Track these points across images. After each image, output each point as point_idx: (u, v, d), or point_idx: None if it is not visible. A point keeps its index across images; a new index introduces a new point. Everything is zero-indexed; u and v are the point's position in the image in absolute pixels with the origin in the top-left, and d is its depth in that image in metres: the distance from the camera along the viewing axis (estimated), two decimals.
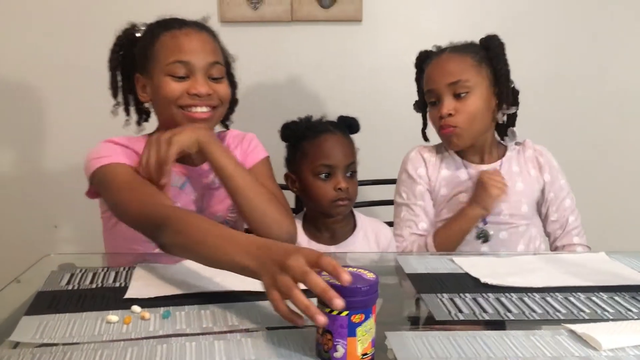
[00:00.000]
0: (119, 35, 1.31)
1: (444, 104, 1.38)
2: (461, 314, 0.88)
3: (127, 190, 1.14)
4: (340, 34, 2.08)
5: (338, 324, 0.70)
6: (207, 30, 1.27)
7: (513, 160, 1.47)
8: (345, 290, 0.69)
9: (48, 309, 0.88)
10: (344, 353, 0.71)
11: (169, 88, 1.20)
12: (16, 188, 2.09)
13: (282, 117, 1.51)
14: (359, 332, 0.71)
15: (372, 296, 0.72)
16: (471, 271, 1.08)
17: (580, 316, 0.88)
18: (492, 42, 1.42)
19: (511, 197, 1.41)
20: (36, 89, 2.04)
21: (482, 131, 1.42)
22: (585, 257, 1.19)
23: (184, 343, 0.76)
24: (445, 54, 1.41)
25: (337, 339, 0.70)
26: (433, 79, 1.41)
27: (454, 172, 1.46)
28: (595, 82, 2.13)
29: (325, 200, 1.39)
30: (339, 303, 0.68)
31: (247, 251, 0.82)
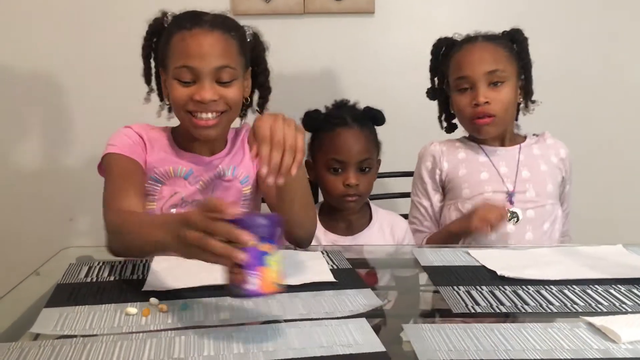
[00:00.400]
0: (150, 23, 1.30)
1: (480, 92, 1.38)
2: (478, 306, 0.88)
3: (111, 186, 1.18)
4: (353, 27, 2.07)
5: (249, 253, 0.72)
6: (220, 29, 1.20)
7: (533, 146, 1.49)
8: (248, 222, 0.73)
9: (68, 301, 0.89)
10: (258, 285, 0.73)
11: (176, 93, 1.20)
12: (32, 181, 2.10)
13: (295, 109, 1.49)
14: (268, 261, 0.73)
15: (274, 229, 0.75)
16: (487, 264, 1.08)
17: (598, 309, 0.87)
18: (518, 35, 1.45)
19: (535, 176, 1.43)
20: (53, 83, 2.05)
21: (510, 122, 1.45)
22: (602, 249, 1.18)
23: (202, 335, 0.77)
24: (479, 42, 1.43)
25: (249, 271, 0.72)
26: (468, 66, 1.41)
27: (472, 155, 1.47)
28: (607, 79, 2.11)
29: (334, 194, 1.40)
30: (246, 237, 0.71)
31: (162, 228, 0.85)
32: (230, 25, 1.24)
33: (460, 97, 1.43)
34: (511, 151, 1.47)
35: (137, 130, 1.28)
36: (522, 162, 1.45)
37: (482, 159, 1.46)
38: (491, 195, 1.41)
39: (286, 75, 2.08)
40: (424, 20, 2.07)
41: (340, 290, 0.93)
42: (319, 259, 1.11)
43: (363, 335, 0.76)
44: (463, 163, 1.46)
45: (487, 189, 1.42)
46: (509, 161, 1.45)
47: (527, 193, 1.42)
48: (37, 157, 2.09)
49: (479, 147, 1.47)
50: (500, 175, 1.43)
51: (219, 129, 1.23)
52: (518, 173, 1.43)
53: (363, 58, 2.09)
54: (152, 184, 1.26)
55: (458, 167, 1.45)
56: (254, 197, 1.34)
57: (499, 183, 1.42)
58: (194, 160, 1.28)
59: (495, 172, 1.43)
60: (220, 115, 1.21)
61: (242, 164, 1.31)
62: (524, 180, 1.42)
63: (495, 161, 1.45)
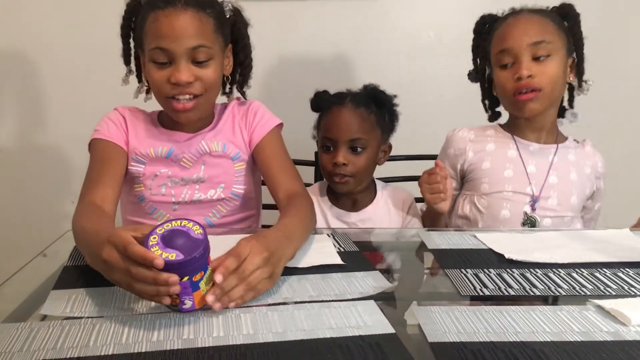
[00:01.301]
0: (128, 2, 1.27)
1: (524, 65, 1.29)
2: (486, 289, 0.88)
3: (89, 175, 1.19)
4: (357, 10, 2.05)
5: (182, 286, 0.75)
6: (194, 7, 1.16)
7: (570, 150, 1.41)
8: (181, 264, 0.74)
9: (75, 283, 0.89)
10: (191, 304, 0.77)
11: (153, 76, 1.19)
12: (35, 163, 2.10)
13: (297, 93, 1.50)
14: (201, 285, 0.77)
15: (205, 255, 0.77)
16: (494, 247, 1.07)
17: (607, 292, 0.87)
18: (570, 10, 1.35)
19: (563, 184, 1.37)
20: (46, 65, 2.04)
21: (556, 101, 1.36)
22: (609, 233, 1.18)
23: (211, 316, 0.77)
24: (524, 14, 1.34)
25: (184, 296, 0.76)
26: (511, 37, 1.32)
27: (501, 148, 1.40)
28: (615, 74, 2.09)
29: (324, 173, 1.41)
30: (159, 262, 0.72)
31: (91, 257, 0.88)
32: (205, 2, 1.19)
33: (503, 72, 1.34)
34: (546, 150, 1.38)
35: (121, 112, 1.29)
36: (554, 164, 1.37)
37: (511, 154, 1.38)
38: (511, 196, 1.35)
39: (289, 59, 2.07)
40: (428, 4, 2.05)
41: (349, 272, 0.93)
42: (326, 241, 1.11)
43: (372, 317, 0.76)
44: (489, 155, 1.39)
45: (507, 187, 1.35)
46: (540, 161, 1.37)
47: (550, 200, 1.35)
48: (38, 138, 2.09)
49: (512, 139, 1.40)
50: (527, 174, 1.36)
51: (197, 111, 1.22)
52: (547, 177, 1.36)
53: (367, 42, 2.08)
54: (135, 165, 1.26)
55: (483, 159, 1.39)
56: (250, 173, 1.33)
57: (523, 183, 1.35)
58: (173, 138, 1.27)
59: (523, 170, 1.36)
60: (197, 98, 1.19)
61: (232, 141, 1.30)
62: (550, 185, 1.35)
63: (525, 158, 1.37)
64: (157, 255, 0.74)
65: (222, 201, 1.29)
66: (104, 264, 0.80)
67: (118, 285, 0.81)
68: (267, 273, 0.83)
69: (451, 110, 1.93)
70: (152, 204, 1.27)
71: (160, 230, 0.78)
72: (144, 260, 0.74)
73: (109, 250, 0.78)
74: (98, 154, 1.23)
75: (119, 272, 0.77)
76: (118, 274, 0.78)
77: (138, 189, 1.27)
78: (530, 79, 1.29)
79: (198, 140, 1.28)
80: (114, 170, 1.21)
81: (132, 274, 0.75)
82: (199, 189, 1.27)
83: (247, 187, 1.31)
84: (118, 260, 0.77)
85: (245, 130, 1.32)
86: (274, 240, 0.88)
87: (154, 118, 1.32)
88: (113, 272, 0.79)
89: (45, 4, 2.00)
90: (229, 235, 1.08)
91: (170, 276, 0.73)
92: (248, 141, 1.31)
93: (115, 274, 0.78)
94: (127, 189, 1.29)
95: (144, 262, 0.74)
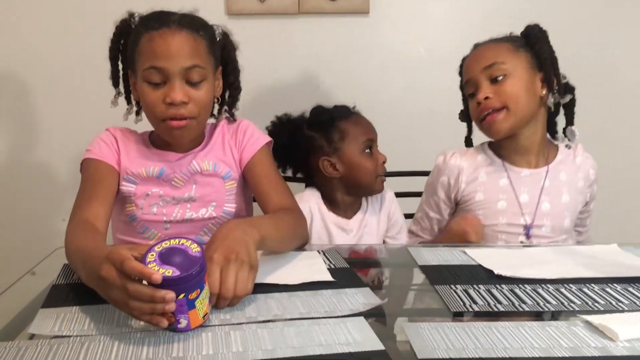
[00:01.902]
0: (117, 25, 1.28)
1: (481, 89, 1.32)
2: (475, 305, 0.88)
3: (80, 194, 1.19)
4: (348, 26, 2.07)
5: (178, 304, 0.75)
6: (188, 28, 1.18)
7: (562, 167, 1.40)
8: (178, 280, 0.75)
9: (64, 301, 0.88)
10: (187, 323, 0.77)
11: (147, 98, 1.19)
12: (25, 181, 2.10)
13: (289, 110, 1.51)
14: (197, 304, 0.77)
15: (202, 273, 0.78)
16: (484, 263, 1.08)
17: (595, 307, 0.87)
18: (532, 30, 1.37)
19: (555, 209, 1.38)
20: (39, 84, 2.05)
21: (527, 116, 1.33)
22: (597, 249, 1.19)
23: (200, 333, 0.77)
24: (482, 44, 1.39)
25: (179, 315, 0.76)
26: (469, 68, 1.37)
27: (493, 177, 1.39)
28: (609, 70, 2.12)
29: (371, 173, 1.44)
30: (156, 277, 0.73)
31: (86, 273, 0.88)
32: (198, 24, 1.22)
33: (470, 102, 1.38)
34: (536, 175, 1.38)
35: (113, 132, 1.30)
36: (545, 189, 1.37)
37: (503, 183, 1.38)
38: (505, 228, 1.36)
39: (281, 75, 2.09)
40: (419, 20, 2.07)
41: (339, 289, 0.93)
42: (316, 257, 1.11)
43: (362, 334, 0.77)
44: (482, 186, 1.38)
45: (501, 220, 1.36)
46: (532, 188, 1.37)
47: (543, 228, 1.36)
48: (29, 156, 2.08)
49: (502, 166, 1.39)
50: (519, 204, 1.36)
51: (189, 132, 1.23)
52: (539, 205, 1.36)
53: (358, 58, 2.10)
54: (127, 185, 1.26)
55: (476, 190, 1.39)
56: (241, 192, 1.33)
57: (516, 215, 1.36)
58: (165, 158, 1.28)
59: (515, 200, 1.36)
60: (190, 120, 1.20)
61: (223, 160, 1.31)
62: (543, 213, 1.36)
63: (517, 186, 1.37)
64: (154, 270, 0.74)
65: (213, 220, 1.29)
66: (101, 281, 0.79)
67: (114, 305, 0.81)
68: (245, 271, 0.87)
69: (441, 126, 1.94)
70: (143, 223, 1.27)
71: (159, 248, 0.79)
72: (141, 275, 0.74)
73: (108, 267, 0.78)
74: (90, 173, 1.23)
75: (116, 289, 0.77)
76: (115, 292, 0.77)
77: (129, 209, 1.27)
78: (489, 100, 1.32)
79: (189, 159, 1.28)
80: (105, 189, 1.21)
81: (129, 291, 0.75)
82: (191, 207, 1.28)
83: (238, 205, 1.32)
84: (115, 278, 0.76)
85: (235, 148, 1.32)
86: (230, 234, 0.91)
87: (145, 138, 1.32)
88: (110, 290, 0.78)
89: (37, 23, 2.02)
90: None
91: (167, 293, 0.74)
92: (238, 160, 1.32)
93: (112, 292, 0.78)
94: (119, 208, 1.29)
95: (141, 277, 0.74)
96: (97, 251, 0.85)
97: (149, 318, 0.76)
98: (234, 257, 0.87)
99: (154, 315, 0.75)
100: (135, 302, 0.75)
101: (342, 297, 0.90)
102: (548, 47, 1.36)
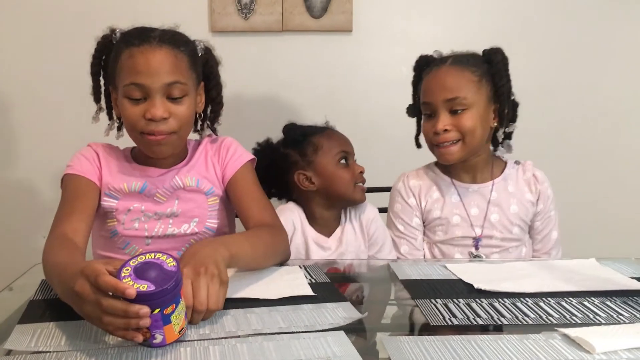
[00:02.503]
0: (99, 40, 1.27)
1: (440, 119, 1.35)
2: (455, 319, 0.89)
3: (60, 209, 1.18)
4: (331, 44, 2.10)
5: (153, 319, 0.75)
6: (169, 44, 1.18)
7: (509, 181, 1.44)
8: (153, 294, 0.74)
9: (41, 317, 0.88)
10: (162, 338, 0.77)
11: (127, 112, 1.19)
12: (5, 197, 2.08)
13: (273, 127, 1.51)
14: (173, 319, 0.77)
15: (177, 287, 0.78)
16: (464, 277, 1.08)
17: (573, 321, 0.88)
18: (495, 56, 1.38)
19: (504, 220, 1.41)
20: (18, 100, 2.04)
21: (477, 148, 1.38)
22: (575, 263, 1.20)
23: (179, 348, 0.76)
24: (444, 67, 1.38)
25: (154, 330, 0.76)
26: (430, 92, 1.38)
27: (444, 194, 1.44)
28: (587, 91, 2.16)
29: (348, 183, 1.43)
30: (130, 292, 0.73)
31: (61, 287, 0.87)
32: (180, 40, 1.22)
33: (425, 122, 1.41)
34: (483, 189, 1.43)
35: (94, 148, 1.29)
36: (492, 201, 1.41)
37: (454, 199, 1.43)
38: (460, 240, 1.41)
39: (264, 93, 2.10)
40: (402, 39, 2.10)
41: (320, 303, 0.94)
42: (297, 272, 1.11)
43: (341, 348, 0.77)
44: (437, 203, 1.44)
45: (457, 233, 1.41)
46: (480, 202, 1.42)
47: (493, 239, 1.41)
48: (6, 171, 2.07)
49: (451, 184, 1.44)
50: (469, 218, 1.41)
51: (170, 147, 1.23)
52: (487, 216, 1.41)
53: (341, 76, 2.12)
54: (108, 200, 1.25)
55: (433, 209, 1.44)
56: (223, 208, 1.33)
57: (468, 228, 1.41)
58: (147, 173, 1.28)
59: (466, 214, 1.41)
60: (170, 135, 1.20)
61: (206, 177, 1.31)
62: (491, 224, 1.40)
63: (466, 202, 1.42)
64: (129, 285, 0.73)
65: (195, 235, 1.29)
66: (75, 296, 0.79)
67: (88, 320, 0.80)
68: (215, 284, 0.87)
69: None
70: (124, 239, 1.26)
71: (134, 263, 0.78)
72: (115, 290, 0.73)
73: (82, 282, 0.77)
74: (70, 189, 1.22)
75: (90, 304, 0.76)
76: (89, 307, 0.77)
77: (111, 224, 1.26)
78: (446, 133, 1.35)
79: (172, 175, 1.28)
80: (85, 205, 1.20)
81: (102, 306, 0.74)
82: (173, 223, 1.27)
83: (220, 221, 1.31)
84: (89, 292, 0.76)
85: (218, 165, 1.33)
86: (200, 250, 0.92)
87: (127, 154, 1.32)
88: (84, 305, 0.78)
89: (16, 40, 2.01)
90: None
91: (142, 308, 0.73)
92: (221, 177, 1.32)
93: (86, 307, 0.77)
94: (100, 223, 1.28)
95: (115, 292, 0.74)
96: (72, 266, 0.84)
97: (123, 333, 0.75)
98: (204, 270, 0.87)
99: (128, 330, 0.75)
100: (108, 317, 0.74)
101: (322, 311, 0.90)
102: (507, 78, 1.38)
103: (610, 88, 2.16)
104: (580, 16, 2.12)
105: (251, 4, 2.02)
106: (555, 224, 1.47)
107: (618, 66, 2.15)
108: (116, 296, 0.74)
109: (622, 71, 2.15)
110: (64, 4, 2.00)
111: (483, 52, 1.41)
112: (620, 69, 2.15)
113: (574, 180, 2.11)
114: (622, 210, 2.21)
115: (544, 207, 1.44)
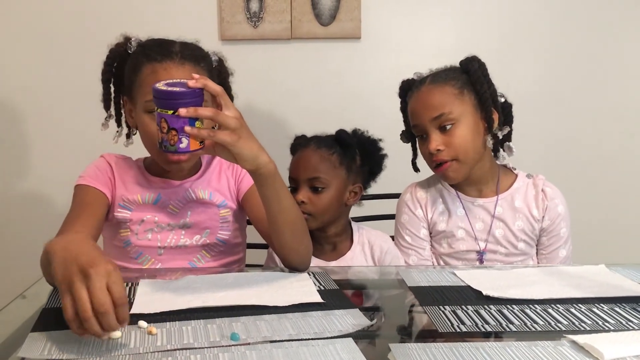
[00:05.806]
0: (112, 48, 1.29)
1: (431, 140, 1.34)
2: (464, 325, 0.89)
3: (68, 217, 1.19)
4: (340, 52, 2.11)
5: (180, 122, 0.91)
6: (190, 61, 1.21)
7: (517, 195, 1.43)
8: (179, 95, 0.92)
9: (55, 325, 0.88)
10: (187, 143, 0.93)
11: (148, 128, 1.20)
12: (17, 207, 2.10)
13: (282, 135, 1.53)
14: (197, 124, 0.93)
15: (199, 98, 0.94)
16: (473, 284, 1.09)
17: (582, 327, 0.88)
18: (471, 65, 1.37)
19: (508, 235, 1.41)
20: (30, 111, 2.07)
21: (476, 160, 1.37)
22: (585, 269, 1.20)
23: (189, 357, 0.77)
24: (424, 87, 1.38)
25: (181, 134, 0.92)
26: (416, 114, 1.39)
27: (450, 207, 1.44)
28: (597, 96, 2.16)
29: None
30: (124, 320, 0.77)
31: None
32: (199, 56, 1.24)
33: (421, 144, 1.41)
34: (489, 204, 1.42)
35: (108, 159, 1.31)
36: (498, 216, 1.41)
37: (459, 213, 1.43)
38: (465, 254, 1.42)
39: (273, 100, 2.11)
40: (410, 46, 2.11)
41: (328, 310, 0.94)
42: (306, 279, 1.12)
43: (350, 355, 0.77)
44: (443, 216, 1.44)
45: (462, 247, 1.42)
46: (485, 216, 1.42)
47: (497, 254, 1.41)
48: (21, 179, 2.09)
49: (457, 197, 1.44)
50: (474, 232, 1.41)
51: (189, 162, 1.26)
52: (491, 231, 1.41)
53: (350, 83, 2.13)
54: (122, 211, 1.27)
55: (438, 221, 1.44)
56: (235, 220, 1.34)
57: (473, 242, 1.41)
58: (161, 185, 1.29)
59: (471, 228, 1.41)
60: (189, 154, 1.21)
61: (219, 189, 1.32)
62: (496, 239, 1.40)
63: (471, 216, 1.42)
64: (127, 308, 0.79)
65: (207, 246, 1.30)
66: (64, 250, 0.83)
67: (56, 282, 0.82)
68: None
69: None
70: (137, 249, 1.28)
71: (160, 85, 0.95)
72: (116, 299, 0.76)
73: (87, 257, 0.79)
74: (78, 198, 1.24)
75: (78, 278, 0.77)
76: (75, 277, 0.77)
77: (124, 234, 1.27)
78: (440, 152, 1.34)
79: (185, 187, 1.29)
80: (90, 213, 1.21)
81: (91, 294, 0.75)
82: (185, 234, 1.28)
83: (232, 233, 1.33)
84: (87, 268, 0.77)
85: (232, 179, 1.34)
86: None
87: (140, 164, 1.33)
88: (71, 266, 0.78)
89: (27, 50, 2.04)
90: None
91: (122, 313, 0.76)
92: (235, 190, 1.33)
93: (71, 275, 0.78)
94: (113, 233, 1.29)
95: (113, 299, 0.76)
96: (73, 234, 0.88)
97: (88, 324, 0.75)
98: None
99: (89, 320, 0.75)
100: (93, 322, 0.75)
101: (331, 318, 0.91)
102: (488, 84, 1.37)
103: (620, 92, 2.16)
104: (589, 20, 2.12)
105: (260, 12, 2.04)
106: (564, 243, 1.43)
107: (628, 70, 2.15)
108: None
109: (632, 75, 2.15)
110: (76, 17, 2.04)
111: (460, 63, 1.41)
112: (630, 73, 2.15)
113: (583, 185, 2.11)
114: (631, 215, 2.20)
115: (550, 223, 1.42)
